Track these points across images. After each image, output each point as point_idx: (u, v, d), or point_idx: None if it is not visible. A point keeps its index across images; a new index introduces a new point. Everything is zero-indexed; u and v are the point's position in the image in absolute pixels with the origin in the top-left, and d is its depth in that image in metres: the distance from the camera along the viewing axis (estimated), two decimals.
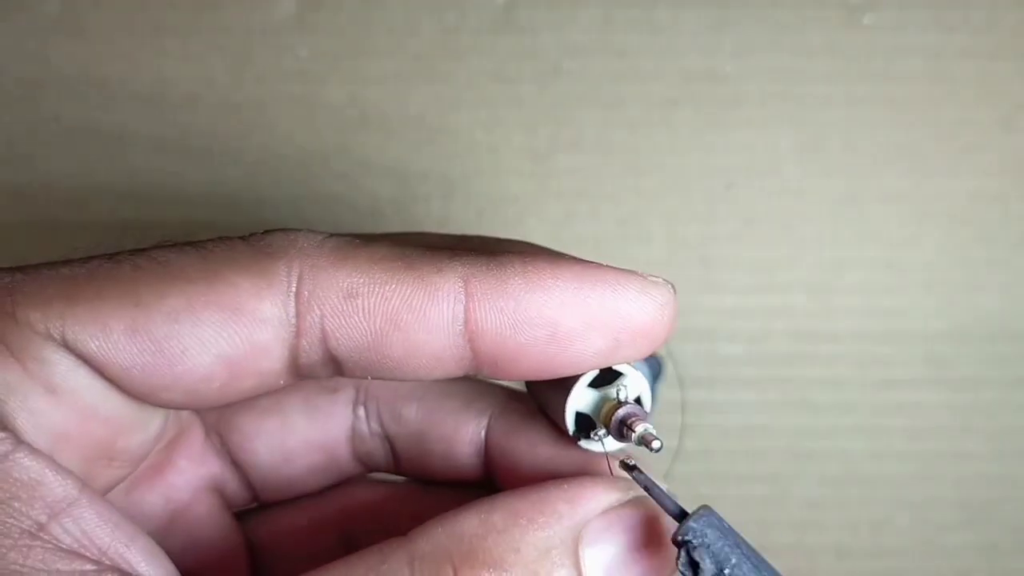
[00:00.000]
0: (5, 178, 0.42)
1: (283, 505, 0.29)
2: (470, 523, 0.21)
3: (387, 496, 0.29)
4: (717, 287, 0.42)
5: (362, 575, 0.20)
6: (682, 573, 0.21)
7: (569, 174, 0.42)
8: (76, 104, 0.42)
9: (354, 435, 0.28)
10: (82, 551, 0.20)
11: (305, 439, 0.28)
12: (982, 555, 0.42)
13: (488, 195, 0.42)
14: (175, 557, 0.23)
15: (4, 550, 0.19)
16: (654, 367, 0.41)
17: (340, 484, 0.29)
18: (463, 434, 0.27)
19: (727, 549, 0.21)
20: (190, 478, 0.27)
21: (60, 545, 0.20)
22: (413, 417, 0.27)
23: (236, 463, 0.28)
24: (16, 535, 0.20)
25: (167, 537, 0.26)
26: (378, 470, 0.29)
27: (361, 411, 0.28)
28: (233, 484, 0.28)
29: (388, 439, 0.28)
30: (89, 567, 0.20)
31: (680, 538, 0.21)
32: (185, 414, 0.27)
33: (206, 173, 0.42)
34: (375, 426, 0.28)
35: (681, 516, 0.22)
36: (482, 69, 0.42)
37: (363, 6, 0.42)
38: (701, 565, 0.21)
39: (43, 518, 0.20)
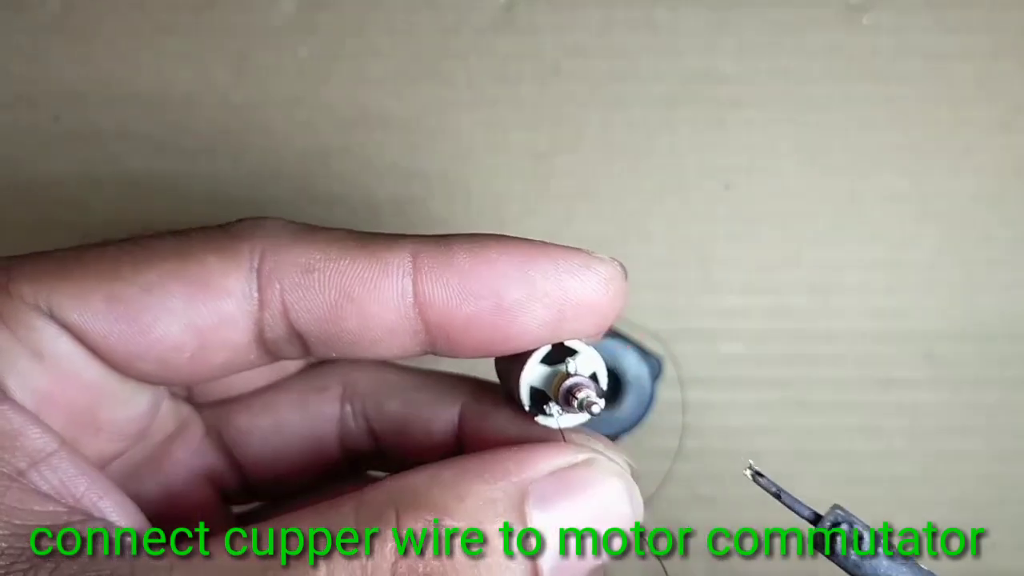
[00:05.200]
0: (5, 177, 0.42)
1: (278, 503, 0.30)
2: (419, 477, 0.22)
3: None
4: (717, 287, 0.42)
5: (310, 518, 0.21)
6: (841, 554, 0.23)
7: (569, 174, 0.42)
8: (76, 104, 0.42)
9: (342, 430, 0.29)
10: (57, 496, 0.22)
11: (296, 434, 0.29)
12: (982, 555, 0.42)
13: (488, 195, 0.42)
14: None
15: None
16: (654, 367, 0.41)
17: (333, 483, 0.30)
18: (438, 422, 0.28)
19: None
20: (187, 468, 0.29)
21: (38, 489, 0.22)
22: (394, 409, 0.29)
23: (232, 457, 0.29)
24: None
25: (163, 523, 0.27)
26: (365, 462, 0.30)
27: (348, 407, 0.29)
28: (229, 477, 0.29)
29: (373, 432, 0.29)
30: (61, 510, 0.22)
31: (831, 522, 0.23)
32: (185, 411, 0.29)
33: (206, 173, 0.42)
34: (361, 420, 0.29)
35: (815, 518, 0.23)
36: (482, 69, 0.42)
37: (363, 6, 0.42)
38: (863, 536, 0.23)
39: (23, 465, 0.22)
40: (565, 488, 0.22)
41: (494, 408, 0.27)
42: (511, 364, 0.25)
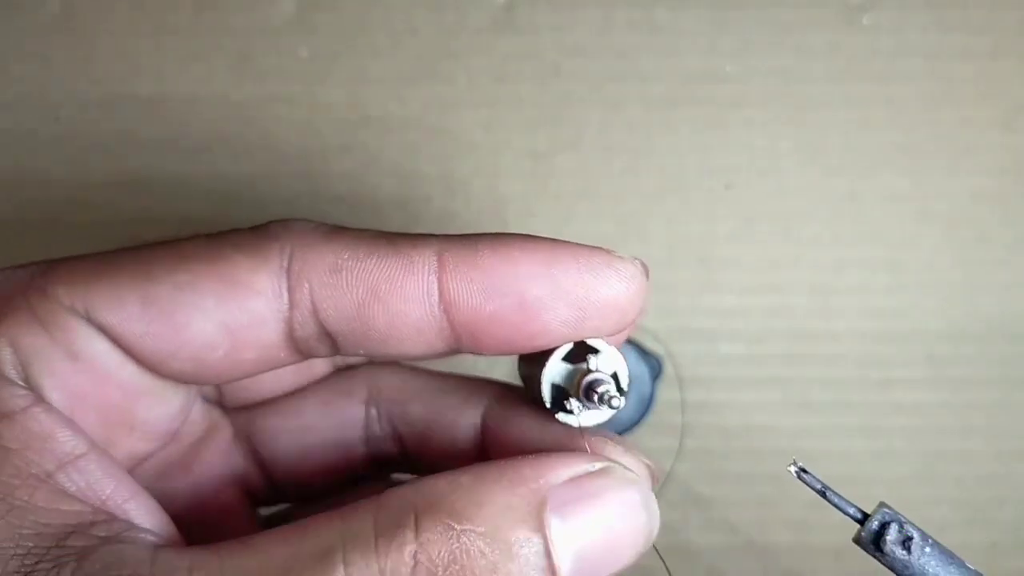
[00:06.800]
0: (5, 177, 0.42)
1: (305, 506, 0.31)
2: (439, 483, 0.22)
3: None
4: (717, 287, 0.42)
5: (331, 522, 0.21)
6: (891, 554, 0.23)
7: (569, 174, 0.42)
8: (76, 104, 0.42)
9: (367, 433, 0.30)
10: (83, 498, 0.22)
11: (323, 437, 0.30)
12: (982, 555, 0.42)
13: (488, 195, 0.42)
14: (199, 544, 0.24)
15: (13, 488, 0.21)
16: (654, 367, 0.41)
17: (357, 487, 0.31)
18: (461, 425, 0.28)
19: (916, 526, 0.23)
20: (216, 470, 0.29)
21: (66, 491, 0.22)
22: (418, 412, 0.29)
23: (260, 460, 0.30)
24: (25, 477, 0.22)
25: (192, 524, 0.27)
26: (390, 465, 0.31)
27: (373, 411, 0.30)
28: (256, 479, 0.30)
29: (397, 435, 0.30)
30: (86, 510, 0.22)
31: (879, 523, 0.23)
32: (215, 415, 0.29)
33: (206, 173, 0.42)
34: (385, 424, 0.30)
35: (863, 517, 0.24)
36: (482, 69, 0.42)
37: (363, 6, 0.42)
38: (912, 535, 0.23)
39: (51, 467, 0.22)
40: (582, 495, 0.22)
41: (517, 411, 0.27)
42: (533, 363, 0.25)
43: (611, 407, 0.24)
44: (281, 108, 0.42)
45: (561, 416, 0.25)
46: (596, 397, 0.24)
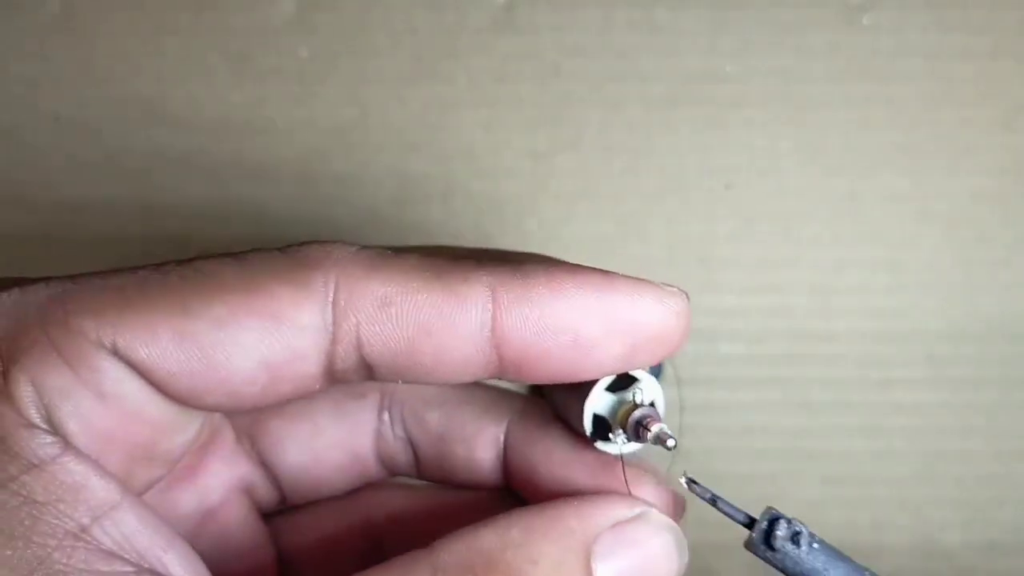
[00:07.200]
0: (4, 178, 0.42)
1: (310, 508, 0.30)
2: (490, 538, 0.22)
3: (410, 500, 0.30)
4: (717, 287, 0.42)
5: None
6: (782, 548, 0.24)
7: (569, 174, 0.42)
8: (76, 104, 0.42)
9: (379, 439, 0.29)
10: (121, 553, 0.21)
11: (333, 442, 0.29)
12: (982, 555, 0.42)
13: (488, 195, 0.42)
14: (206, 557, 0.24)
15: (49, 550, 0.20)
16: (653, 367, 0.41)
17: (365, 488, 0.30)
18: (483, 439, 0.28)
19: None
20: (222, 479, 0.28)
21: (101, 547, 0.21)
22: (436, 422, 0.29)
23: (266, 465, 0.29)
24: (60, 535, 0.20)
25: (199, 537, 0.27)
26: (402, 473, 0.30)
27: (386, 416, 0.29)
28: (263, 486, 0.29)
29: (412, 443, 0.29)
30: (128, 569, 0.21)
31: (767, 521, 0.24)
32: (217, 418, 0.28)
33: (205, 173, 0.42)
34: (399, 431, 0.29)
35: (750, 522, 0.24)
36: (482, 69, 0.42)
37: (363, 6, 0.42)
38: (801, 531, 0.24)
39: (86, 520, 0.21)
40: (623, 543, 0.23)
41: (542, 428, 0.27)
42: (569, 389, 0.25)
43: (666, 448, 0.24)
44: (281, 108, 0.42)
45: (600, 444, 0.25)
46: (650, 436, 0.24)
